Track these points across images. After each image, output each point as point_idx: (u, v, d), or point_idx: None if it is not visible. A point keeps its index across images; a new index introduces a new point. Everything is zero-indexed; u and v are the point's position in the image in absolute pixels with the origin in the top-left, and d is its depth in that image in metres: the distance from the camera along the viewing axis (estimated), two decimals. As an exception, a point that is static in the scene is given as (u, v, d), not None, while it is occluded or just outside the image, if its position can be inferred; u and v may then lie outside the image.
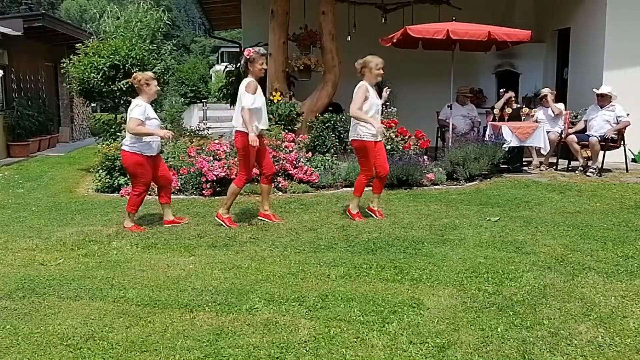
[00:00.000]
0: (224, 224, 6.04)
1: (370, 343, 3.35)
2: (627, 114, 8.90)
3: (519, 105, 10.15)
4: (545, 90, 9.91)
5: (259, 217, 6.25)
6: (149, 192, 7.69)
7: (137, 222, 6.17)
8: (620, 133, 8.95)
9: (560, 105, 9.73)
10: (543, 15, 12.46)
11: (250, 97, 5.76)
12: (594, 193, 7.57)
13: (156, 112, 11.50)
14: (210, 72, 39.81)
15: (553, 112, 9.59)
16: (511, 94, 9.97)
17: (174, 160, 8.09)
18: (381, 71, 6.08)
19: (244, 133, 5.82)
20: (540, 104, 10.03)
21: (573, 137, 9.08)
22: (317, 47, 10.22)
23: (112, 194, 8.00)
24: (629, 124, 8.92)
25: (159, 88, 6.15)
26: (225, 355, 3.23)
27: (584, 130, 9.21)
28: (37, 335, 3.51)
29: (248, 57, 5.84)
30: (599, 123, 8.94)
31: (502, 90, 10.54)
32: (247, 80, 5.85)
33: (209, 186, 7.57)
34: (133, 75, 6.13)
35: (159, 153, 6.27)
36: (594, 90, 9.17)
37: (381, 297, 4.00)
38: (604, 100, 9.02)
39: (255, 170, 6.36)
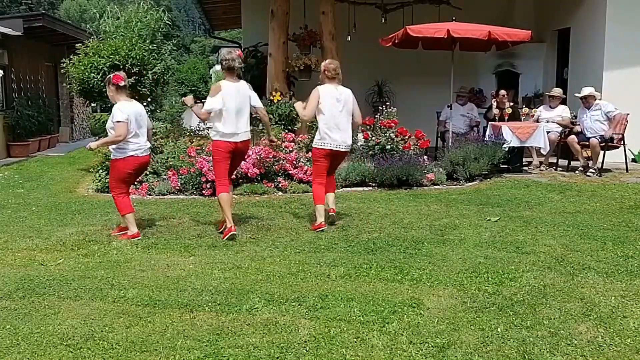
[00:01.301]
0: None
1: (370, 343, 3.35)
2: (616, 108, 8.85)
3: (512, 104, 10.14)
4: (557, 91, 9.87)
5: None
6: (149, 192, 7.74)
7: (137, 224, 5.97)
8: (621, 132, 8.94)
9: (567, 113, 9.71)
10: (543, 15, 12.46)
11: None
12: (594, 193, 7.57)
13: (155, 112, 11.38)
14: (210, 72, 39.71)
15: (562, 119, 9.57)
16: (501, 93, 9.96)
17: (174, 160, 8.10)
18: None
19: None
20: (547, 102, 9.99)
21: (574, 138, 9.07)
22: (317, 47, 10.22)
23: (112, 194, 8.00)
24: (626, 116, 8.91)
25: (110, 94, 5.62)
26: (225, 355, 3.23)
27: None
28: (37, 335, 3.51)
29: None
30: (590, 124, 8.96)
31: (492, 92, 10.59)
32: None
33: (209, 186, 7.56)
34: None
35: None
36: (576, 94, 9.25)
37: (381, 297, 4.00)
38: (587, 101, 9.05)
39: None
